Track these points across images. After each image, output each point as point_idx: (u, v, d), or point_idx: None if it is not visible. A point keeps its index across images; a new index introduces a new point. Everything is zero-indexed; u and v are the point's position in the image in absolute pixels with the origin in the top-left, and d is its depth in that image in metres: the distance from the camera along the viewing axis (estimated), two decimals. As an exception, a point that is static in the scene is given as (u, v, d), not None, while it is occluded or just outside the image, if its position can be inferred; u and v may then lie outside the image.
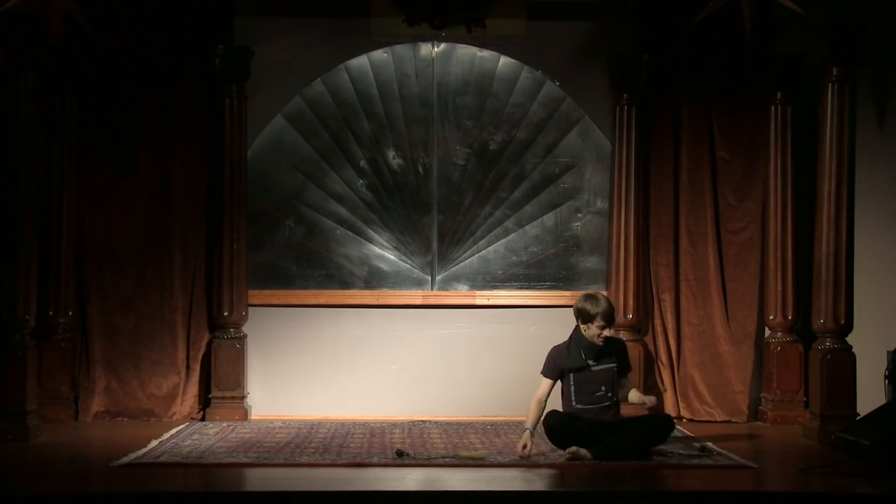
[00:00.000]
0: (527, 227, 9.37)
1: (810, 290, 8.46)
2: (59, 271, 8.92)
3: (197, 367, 9.08)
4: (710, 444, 7.83)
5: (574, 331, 7.60)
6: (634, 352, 8.98)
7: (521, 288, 9.35)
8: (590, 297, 7.56)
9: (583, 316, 7.53)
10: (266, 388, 9.22)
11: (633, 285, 9.08)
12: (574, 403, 7.56)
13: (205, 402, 9.07)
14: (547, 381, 7.62)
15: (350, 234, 9.34)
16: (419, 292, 9.31)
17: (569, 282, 9.34)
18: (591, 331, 7.51)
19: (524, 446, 7.42)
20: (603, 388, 7.54)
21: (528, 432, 7.48)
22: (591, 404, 7.53)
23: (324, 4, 9.20)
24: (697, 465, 7.33)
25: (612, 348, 7.62)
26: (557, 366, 7.61)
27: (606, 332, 7.52)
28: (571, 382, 7.57)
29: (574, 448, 7.37)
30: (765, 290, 9.11)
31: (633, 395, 7.66)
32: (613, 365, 7.58)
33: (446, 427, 8.70)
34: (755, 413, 9.11)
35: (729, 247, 9.18)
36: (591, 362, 7.54)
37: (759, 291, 9.16)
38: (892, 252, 9.14)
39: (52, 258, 8.89)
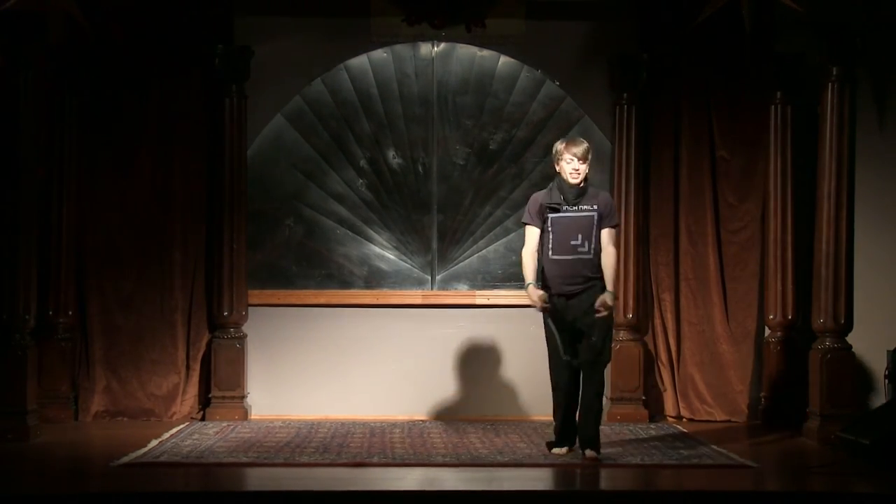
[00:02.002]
0: (527, 227, 9.37)
1: (810, 290, 8.46)
2: (59, 271, 8.92)
3: (197, 367, 9.08)
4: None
5: (555, 178, 7.50)
6: (634, 351, 9.01)
7: (521, 287, 9.31)
8: (564, 138, 7.55)
9: (555, 155, 7.43)
10: (266, 388, 9.22)
11: (633, 285, 9.08)
12: (551, 254, 7.42)
13: (205, 401, 9.07)
14: (532, 229, 7.48)
15: (350, 233, 9.34)
16: (419, 292, 9.31)
17: (569, 281, 9.33)
18: (564, 168, 7.37)
19: (539, 298, 7.34)
20: (580, 237, 7.38)
21: (532, 286, 7.41)
22: (569, 254, 7.40)
23: (324, 4, 9.20)
24: (697, 464, 7.34)
25: (595, 197, 7.46)
26: (537, 208, 7.45)
27: (578, 166, 7.35)
28: (550, 228, 7.42)
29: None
30: (765, 290, 9.11)
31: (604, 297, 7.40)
32: (593, 213, 7.41)
33: (446, 427, 8.71)
34: (755, 413, 9.10)
35: (729, 247, 9.18)
36: (567, 207, 7.40)
37: (759, 291, 9.16)
38: (892, 252, 9.13)
39: (52, 258, 8.89)
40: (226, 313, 9.04)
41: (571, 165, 7.38)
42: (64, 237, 8.94)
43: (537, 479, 7.02)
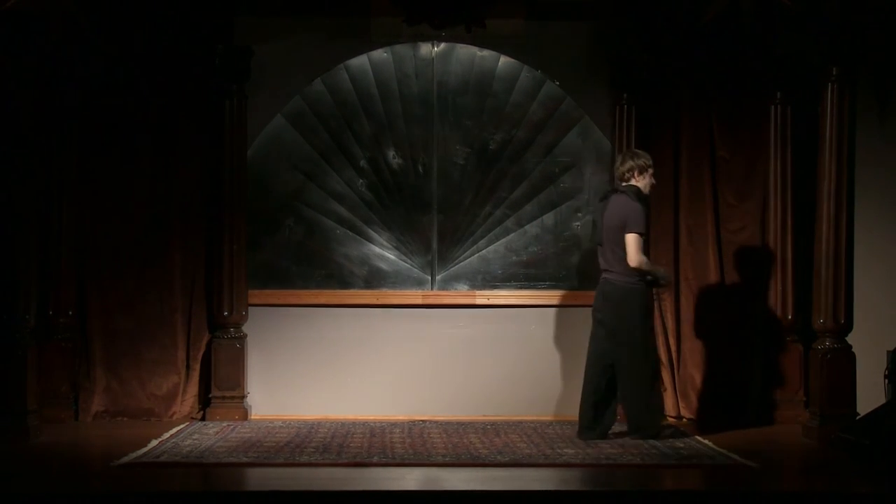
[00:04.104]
0: (527, 227, 9.37)
1: (810, 290, 8.46)
2: (59, 271, 8.92)
3: (197, 367, 9.08)
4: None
5: (635, 192, 8.06)
6: (634, 352, 9.01)
7: (521, 287, 9.35)
8: (635, 152, 8.22)
9: (650, 167, 8.13)
10: (266, 388, 9.22)
11: (633, 285, 9.07)
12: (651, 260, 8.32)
13: (205, 401, 9.07)
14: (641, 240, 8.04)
15: (350, 233, 9.34)
16: (419, 292, 9.31)
17: (569, 281, 9.34)
18: (649, 180, 8.16)
19: None
20: None
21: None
22: None
23: (324, 4, 9.20)
24: (697, 464, 7.34)
25: None
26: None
27: None
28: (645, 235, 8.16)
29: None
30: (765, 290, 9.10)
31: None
32: None
33: (446, 427, 8.70)
34: (755, 413, 9.08)
35: (729, 247, 9.17)
36: None
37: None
38: (892, 252, 9.13)
39: (52, 258, 8.89)
40: (226, 313, 9.04)
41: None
42: (64, 237, 8.94)
43: (537, 479, 7.02)
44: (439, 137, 9.34)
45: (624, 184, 8.13)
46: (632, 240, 7.95)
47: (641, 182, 8.11)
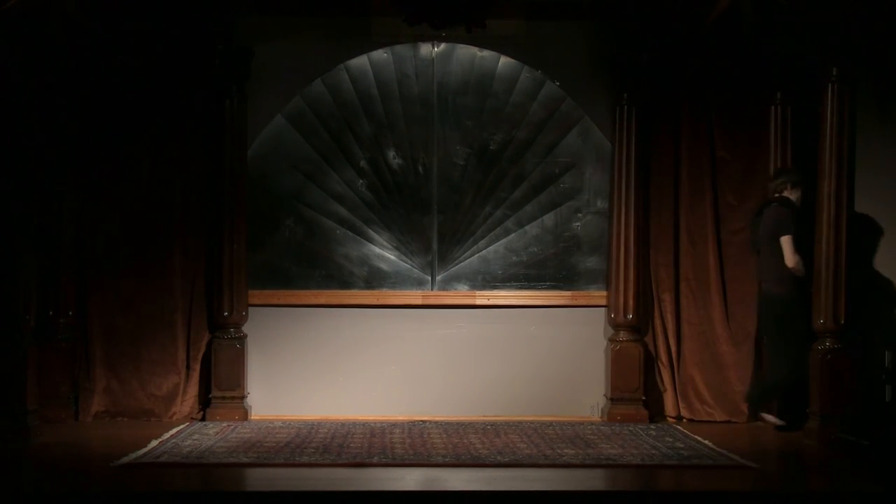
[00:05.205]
0: (527, 227, 9.37)
1: (810, 290, 8.46)
2: (59, 271, 8.92)
3: (197, 367, 9.08)
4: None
5: (783, 202, 8.54)
6: (634, 351, 9.00)
7: (521, 288, 9.35)
8: (787, 168, 8.72)
9: (800, 182, 8.57)
10: (266, 388, 9.22)
11: (633, 285, 9.08)
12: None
13: (205, 402, 9.07)
14: None
15: (350, 234, 9.34)
16: (419, 292, 9.31)
17: (569, 282, 9.34)
18: (800, 193, 8.59)
19: None
20: None
21: None
22: None
23: (324, 4, 9.20)
24: (697, 464, 7.34)
25: None
26: None
27: None
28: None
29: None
30: (765, 290, 9.11)
31: None
32: None
33: (446, 427, 8.70)
34: (755, 413, 9.08)
35: (729, 247, 9.17)
36: None
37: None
38: (893, 252, 9.13)
39: (52, 258, 8.89)
40: (226, 313, 9.04)
41: None
42: (64, 237, 8.94)
43: (537, 479, 7.02)
44: (439, 138, 9.34)
45: (776, 195, 8.63)
46: (785, 242, 8.47)
47: (793, 195, 8.60)
